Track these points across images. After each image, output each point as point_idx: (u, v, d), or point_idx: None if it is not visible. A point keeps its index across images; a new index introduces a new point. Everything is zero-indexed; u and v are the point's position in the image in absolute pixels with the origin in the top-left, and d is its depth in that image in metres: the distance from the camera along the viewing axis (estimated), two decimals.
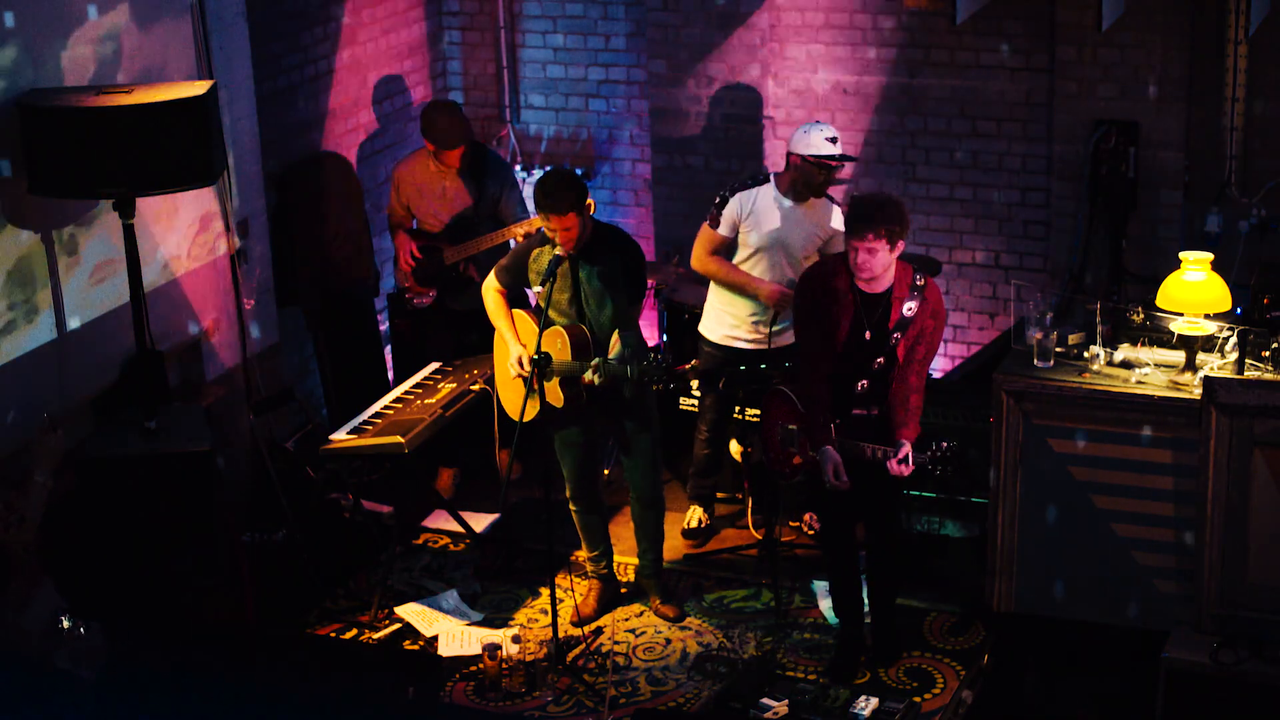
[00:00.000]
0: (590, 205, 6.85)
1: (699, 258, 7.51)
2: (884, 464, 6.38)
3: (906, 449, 6.34)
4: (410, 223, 8.33)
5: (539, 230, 6.94)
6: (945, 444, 6.34)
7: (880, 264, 6.36)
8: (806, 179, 7.27)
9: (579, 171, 9.66)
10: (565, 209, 6.66)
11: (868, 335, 6.43)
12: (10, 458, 6.62)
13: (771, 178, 7.37)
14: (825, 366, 6.54)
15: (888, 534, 6.85)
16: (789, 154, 7.30)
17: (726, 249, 7.45)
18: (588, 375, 6.71)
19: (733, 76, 9.10)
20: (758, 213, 7.35)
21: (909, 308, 6.41)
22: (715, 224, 7.42)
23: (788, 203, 7.34)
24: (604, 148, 9.79)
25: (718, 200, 7.42)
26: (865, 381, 6.48)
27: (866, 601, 6.97)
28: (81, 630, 5.81)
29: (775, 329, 7.41)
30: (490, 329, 7.32)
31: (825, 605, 7.23)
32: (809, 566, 7.56)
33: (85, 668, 5.85)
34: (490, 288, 7.07)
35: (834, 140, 7.23)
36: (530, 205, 9.51)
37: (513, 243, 7.99)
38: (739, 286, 7.44)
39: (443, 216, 8.15)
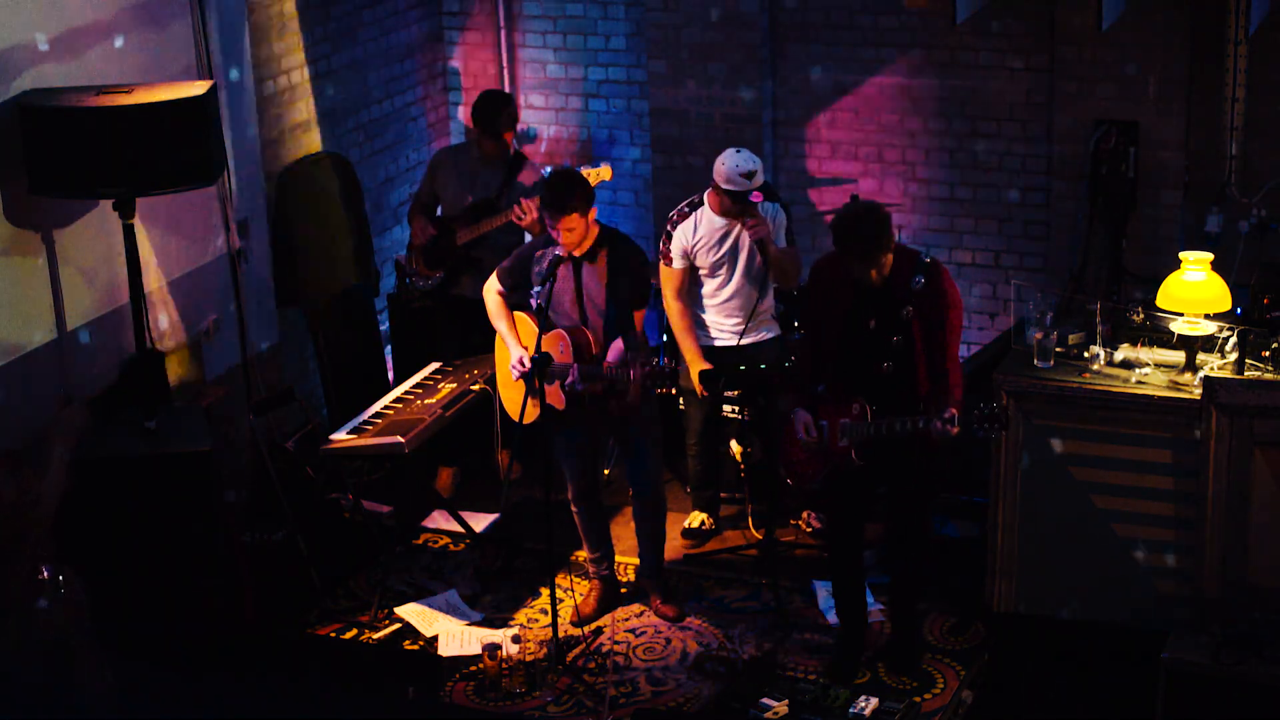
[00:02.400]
0: (593, 176, 6.86)
1: (667, 301, 7.53)
2: (924, 435, 6.31)
3: (953, 410, 6.26)
4: (434, 210, 8.33)
5: (541, 225, 6.93)
6: (992, 404, 6.33)
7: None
8: (724, 204, 7.30)
9: (579, 169, 9.66)
10: (566, 209, 6.66)
11: (872, 324, 6.40)
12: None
13: (705, 200, 7.39)
14: (816, 350, 6.57)
15: (917, 534, 6.78)
16: (713, 178, 7.32)
17: (694, 278, 7.47)
18: (566, 382, 6.72)
19: (733, 76, 9.11)
20: (701, 237, 7.39)
21: (917, 280, 6.37)
22: (670, 261, 7.45)
23: (724, 220, 7.36)
24: (604, 148, 9.78)
25: (664, 236, 7.47)
26: (889, 363, 6.43)
27: (873, 601, 6.98)
28: (60, 580, 5.81)
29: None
30: (494, 330, 7.32)
31: (825, 605, 7.23)
32: (809, 566, 7.56)
33: (101, 695, 5.88)
34: (491, 289, 7.07)
35: (749, 175, 7.19)
36: None
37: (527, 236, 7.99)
38: (680, 347, 7.49)
39: (465, 200, 8.16)
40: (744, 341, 7.47)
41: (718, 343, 7.50)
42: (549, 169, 9.47)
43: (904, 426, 6.33)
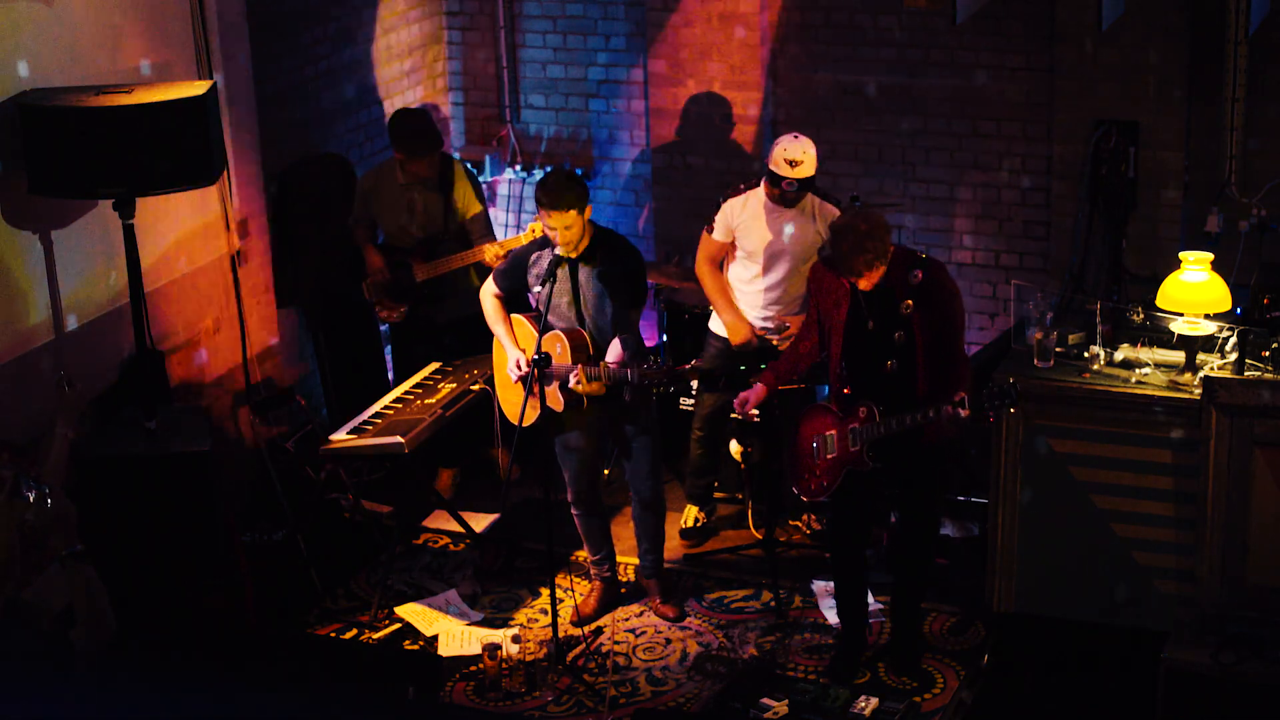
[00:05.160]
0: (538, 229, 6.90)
1: (699, 264, 7.58)
2: (935, 423, 6.30)
3: (961, 394, 6.23)
4: (375, 237, 8.28)
5: (537, 237, 6.93)
6: (1001, 382, 6.31)
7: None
8: (769, 187, 7.32)
9: (579, 172, 9.67)
10: (564, 207, 6.65)
11: (870, 325, 6.40)
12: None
13: (762, 183, 7.39)
14: (807, 344, 6.66)
15: (922, 534, 6.80)
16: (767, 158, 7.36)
17: (728, 253, 7.49)
18: (571, 382, 6.71)
19: (733, 76, 9.10)
20: (748, 219, 7.38)
21: (914, 275, 6.36)
22: (712, 230, 7.47)
23: (777, 207, 7.35)
24: (604, 148, 9.79)
25: (716, 205, 7.45)
26: (893, 361, 6.43)
27: (874, 601, 6.99)
28: (46, 494, 5.80)
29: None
30: (468, 334, 7.31)
31: (825, 605, 7.23)
32: (809, 566, 7.56)
33: (94, 645, 5.87)
34: (488, 292, 7.06)
35: (793, 163, 7.22)
36: (496, 224, 9.53)
37: (483, 263, 7.97)
38: (717, 309, 7.53)
39: (412, 231, 8.09)
40: (774, 342, 7.45)
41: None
42: (549, 169, 9.48)
43: (914, 419, 6.33)
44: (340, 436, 7.24)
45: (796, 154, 7.21)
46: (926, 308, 6.35)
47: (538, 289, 6.87)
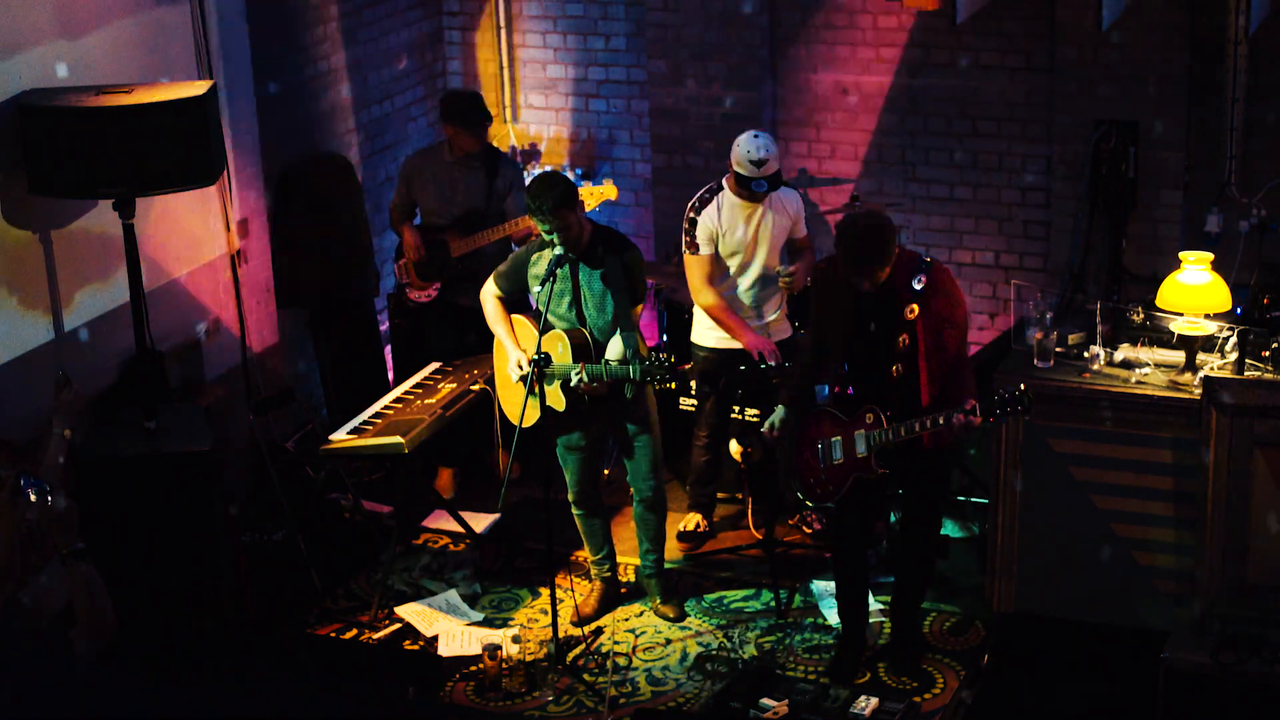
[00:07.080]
0: (596, 194, 6.84)
1: (698, 291, 7.42)
2: (946, 430, 6.30)
3: (972, 401, 6.23)
4: (413, 219, 8.30)
5: (534, 234, 6.93)
6: (1016, 389, 6.30)
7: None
8: (736, 186, 7.31)
9: (579, 172, 9.68)
10: (552, 209, 6.65)
11: (872, 327, 6.39)
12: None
13: (724, 183, 7.38)
14: (818, 352, 6.67)
15: (925, 535, 6.80)
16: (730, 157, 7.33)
17: (718, 265, 7.45)
18: (573, 380, 6.71)
19: (733, 76, 9.11)
20: (725, 221, 7.36)
21: (918, 279, 6.35)
22: (696, 249, 7.38)
23: (745, 202, 7.36)
24: (604, 148, 9.79)
25: (686, 225, 7.41)
26: (898, 365, 6.42)
27: (874, 601, 6.98)
28: (48, 495, 5.76)
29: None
30: (490, 330, 7.31)
31: (825, 605, 7.23)
32: (809, 566, 7.56)
33: (94, 645, 5.86)
34: (489, 294, 7.06)
35: (758, 164, 7.19)
36: None
37: (513, 245, 7.98)
38: (727, 329, 7.42)
39: (453, 210, 8.11)
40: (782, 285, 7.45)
41: (726, 343, 7.46)
42: (547, 169, 9.47)
43: (923, 425, 6.31)
44: (340, 436, 7.25)
45: (760, 154, 7.19)
46: (929, 312, 6.34)
47: (538, 289, 6.87)
